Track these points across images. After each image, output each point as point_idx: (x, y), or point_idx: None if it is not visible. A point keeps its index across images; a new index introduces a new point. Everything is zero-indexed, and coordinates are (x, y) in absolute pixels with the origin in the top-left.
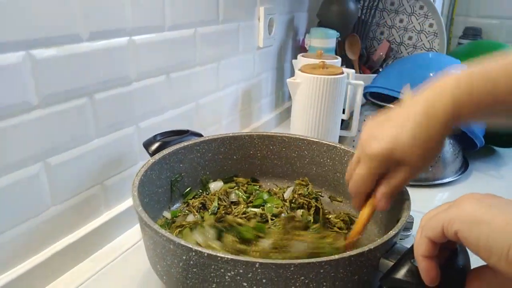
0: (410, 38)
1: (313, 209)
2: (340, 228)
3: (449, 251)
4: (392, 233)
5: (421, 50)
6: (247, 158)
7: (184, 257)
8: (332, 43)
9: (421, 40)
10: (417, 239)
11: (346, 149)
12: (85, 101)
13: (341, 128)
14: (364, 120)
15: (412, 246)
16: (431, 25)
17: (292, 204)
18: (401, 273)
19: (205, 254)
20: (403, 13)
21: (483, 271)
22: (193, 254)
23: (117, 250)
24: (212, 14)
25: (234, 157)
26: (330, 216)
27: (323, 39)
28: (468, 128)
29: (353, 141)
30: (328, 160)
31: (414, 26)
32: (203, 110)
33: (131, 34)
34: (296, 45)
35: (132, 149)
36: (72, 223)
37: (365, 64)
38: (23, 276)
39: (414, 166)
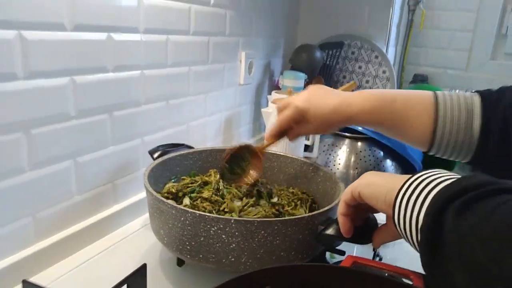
0: (367, 81)
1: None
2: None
3: (363, 218)
4: (327, 207)
5: None
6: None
7: (182, 218)
8: (301, 83)
9: (376, 83)
10: (339, 204)
11: (305, 160)
12: (106, 117)
13: (305, 151)
14: (324, 146)
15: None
16: (384, 72)
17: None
18: (328, 230)
19: (197, 215)
20: (362, 60)
21: (382, 226)
22: (189, 215)
23: (123, 234)
24: (203, 56)
25: (219, 165)
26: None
27: (294, 80)
28: (408, 154)
29: (314, 162)
30: (291, 170)
31: (370, 72)
32: (193, 131)
33: (143, 68)
34: (271, 84)
35: (137, 157)
36: (89, 210)
37: None
38: (56, 244)
39: (313, 128)
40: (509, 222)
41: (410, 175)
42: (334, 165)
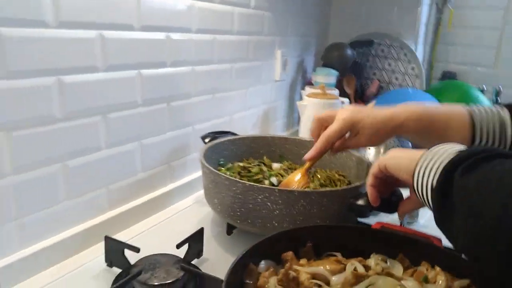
0: (396, 78)
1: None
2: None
3: (390, 191)
4: (358, 184)
5: (406, 88)
6: (268, 152)
7: (233, 188)
8: (333, 80)
9: (405, 80)
10: (368, 177)
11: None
12: (164, 106)
13: None
14: None
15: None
16: (413, 69)
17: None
18: (358, 201)
19: (247, 185)
20: (391, 58)
21: (406, 199)
22: (240, 185)
23: (178, 208)
24: (244, 54)
25: (260, 151)
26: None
27: (326, 76)
28: None
29: None
30: (327, 155)
31: (399, 69)
32: (234, 122)
33: (194, 64)
34: (304, 80)
35: (189, 143)
36: (151, 186)
37: (360, 98)
38: (124, 213)
39: (364, 140)
40: (500, 178)
41: (427, 149)
42: (365, 156)
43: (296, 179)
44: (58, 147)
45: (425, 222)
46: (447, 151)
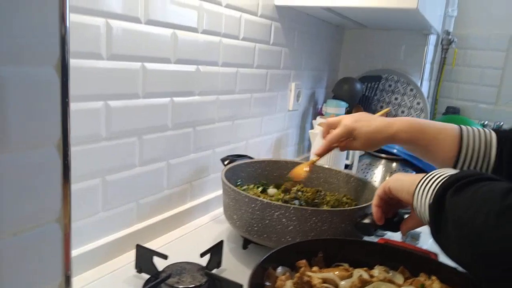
0: (402, 112)
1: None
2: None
3: (393, 212)
4: (364, 204)
5: None
6: (282, 175)
7: (252, 205)
8: (342, 111)
9: (411, 114)
10: (373, 197)
11: (347, 172)
12: (191, 130)
13: (345, 169)
14: (363, 165)
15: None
16: (418, 103)
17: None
18: (364, 220)
19: (265, 202)
20: (398, 93)
21: (408, 217)
22: (258, 202)
23: (196, 225)
24: (262, 85)
25: (274, 174)
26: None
27: (336, 108)
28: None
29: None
30: (336, 180)
31: (405, 103)
32: (250, 147)
33: (219, 94)
34: (315, 111)
35: (209, 164)
36: (174, 203)
37: None
38: (152, 225)
39: (359, 145)
40: (484, 197)
41: (426, 173)
42: (371, 182)
43: (304, 169)
44: (100, 163)
45: (424, 242)
46: (444, 174)
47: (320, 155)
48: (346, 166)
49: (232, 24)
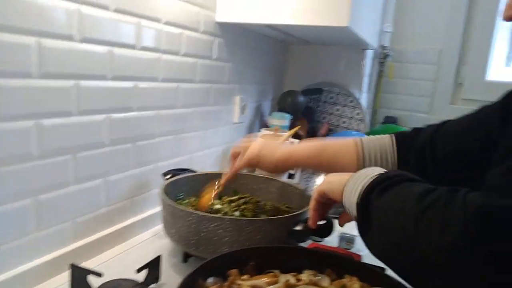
0: (344, 122)
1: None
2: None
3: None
4: (296, 212)
5: (352, 131)
6: (225, 187)
7: (188, 219)
8: (286, 122)
9: (351, 124)
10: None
11: (284, 181)
12: (130, 146)
13: (289, 178)
14: (306, 175)
15: (306, 219)
16: (358, 114)
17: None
18: (297, 227)
19: (200, 215)
20: (339, 104)
21: (344, 212)
22: (194, 215)
23: (138, 240)
24: (205, 100)
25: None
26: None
27: (280, 120)
28: None
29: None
30: (275, 190)
31: (346, 114)
32: (195, 160)
33: (158, 109)
34: (262, 123)
35: (151, 180)
36: (113, 219)
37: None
38: (90, 244)
39: (265, 172)
40: (402, 200)
41: (355, 173)
42: (313, 190)
43: (210, 202)
44: (32, 183)
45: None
46: (368, 175)
47: (225, 184)
48: (290, 175)
49: (173, 40)
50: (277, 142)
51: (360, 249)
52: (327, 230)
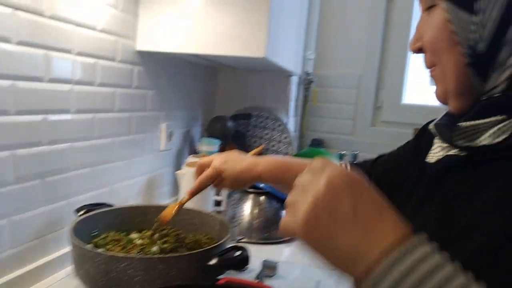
0: (273, 146)
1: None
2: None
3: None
4: (210, 246)
5: (280, 154)
6: (144, 220)
7: (97, 259)
8: (215, 148)
9: (280, 147)
10: None
11: (206, 212)
12: (38, 182)
13: (217, 205)
14: (233, 200)
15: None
16: (286, 137)
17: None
18: (211, 262)
19: (108, 255)
20: (268, 128)
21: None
22: (102, 256)
23: (48, 283)
24: (126, 128)
25: (136, 220)
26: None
27: (209, 145)
28: None
29: (215, 213)
30: (197, 221)
31: (275, 138)
32: (116, 192)
33: (72, 141)
34: (191, 148)
35: (64, 217)
36: (20, 262)
37: None
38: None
39: (228, 185)
40: None
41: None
42: (240, 216)
43: (173, 211)
44: None
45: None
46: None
47: (192, 194)
48: (218, 202)
49: (86, 71)
50: (246, 155)
51: (283, 275)
52: (243, 262)
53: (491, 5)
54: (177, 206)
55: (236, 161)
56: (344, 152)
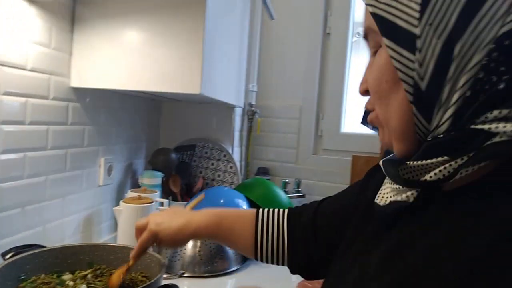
0: (219, 176)
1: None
2: None
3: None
4: (142, 286)
5: (226, 183)
6: (77, 261)
7: None
8: (158, 181)
9: (226, 177)
10: None
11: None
12: None
13: None
14: None
15: None
16: (231, 167)
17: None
18: None
19: None
20: (213, 158)
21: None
22: None
23: None
24: (60, 166)
25: (68, 260)
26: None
27: (151, 178)
28: None
29: (166, 250)
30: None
31: (221, 168)
32: (50, 231)
33: (1, 181)
34: (134, 182)
35: None
36: None
37: (187, 194)
38: None
39: (167, 245)
40: None
41: None
42: (183, 250)
43: (121, 277)
44: None
45: None
46: None
47: (135, 258)
48: None
49: (14, 110)
50: (182, 210)
51: None
52: None
53: (433, 43)
54: (123, 271)
55: (171, 221)
56: (287, 180)
